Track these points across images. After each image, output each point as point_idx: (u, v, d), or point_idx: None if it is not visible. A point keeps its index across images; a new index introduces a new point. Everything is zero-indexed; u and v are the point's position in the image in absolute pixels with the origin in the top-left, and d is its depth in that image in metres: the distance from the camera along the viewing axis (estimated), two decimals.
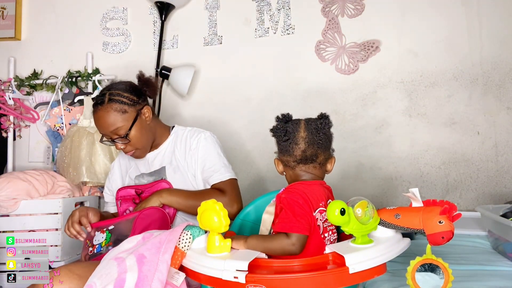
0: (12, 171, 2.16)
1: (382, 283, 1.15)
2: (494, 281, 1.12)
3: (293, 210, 0.97)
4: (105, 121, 1.37)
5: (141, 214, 1.32)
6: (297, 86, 2.06)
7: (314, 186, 1.05)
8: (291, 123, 1.10)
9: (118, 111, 1.37)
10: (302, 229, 0.95)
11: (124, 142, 1.39)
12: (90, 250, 1.28)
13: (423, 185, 1.92)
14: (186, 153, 1.46)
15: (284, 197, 1.01)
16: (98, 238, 1.29)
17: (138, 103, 1.41)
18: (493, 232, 1.43)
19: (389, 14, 2.01)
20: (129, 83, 1.46)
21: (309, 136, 1.07)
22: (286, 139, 1.08)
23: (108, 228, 1.31)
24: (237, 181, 1.45)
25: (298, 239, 0.95)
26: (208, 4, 2.17)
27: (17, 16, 2.26)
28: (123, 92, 1.39)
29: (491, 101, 1.90)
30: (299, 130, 1.08)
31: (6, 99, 2.08)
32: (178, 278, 0.98)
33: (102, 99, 1.38)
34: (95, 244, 1.29)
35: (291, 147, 1.08)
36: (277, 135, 1.12)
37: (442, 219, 0.87)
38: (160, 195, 1.37)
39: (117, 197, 1.47)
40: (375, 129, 1.99)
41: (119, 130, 1.37)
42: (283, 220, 0.97)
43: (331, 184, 1.12)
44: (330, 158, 1.12)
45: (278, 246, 0.95)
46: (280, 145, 1.11)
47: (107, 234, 1.29)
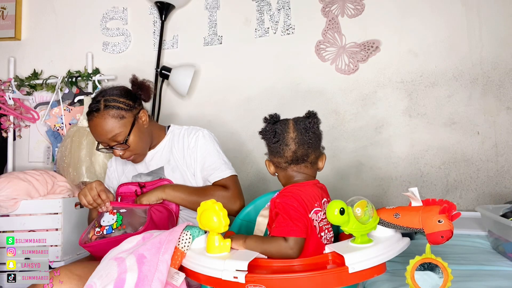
0: (12, 171, 2.16)
1: (382, 283, 1.15)
2: (494, 281, 1.12)
3: (289, 214, 0.97)
4: (103, 128, 1.33)
5: (153, 207, 1.31)
6: (297, 86, 2.06)
7: (307, 187, 1.05)
8: (280, 124, 1.09)
9: (116, 117, 1.34)
10: (299, 232, 0.95)
11: (123, 148, 1.37)
12: (98, 231, 1.25)
13: (423, 185, 1.92)
14: (184, 151, 1.45)
15: (279, 202, 1.01)
16: (107, 219, 1.27)
17: (134, 108, 1.39)
18: (493, 232, 1.43)
19: (389, 14, 2.01)
20: (123, 87, 1.43)
21: (299, 136, 1.07)
22: (275, 140, 1.08)
23: (120, 211, 1.28)
24: (238, 177, 1.45)
25: (296, 242, 0.94)
26: (208, 4, 2.17)
27: (17, 16, 2.26)
28: (118, 98, 1.36)
29: (491, 101, 1.90)
30: (288, 130, 1.07)
31: (6, 99, 2.08)
32: (178, 278, 0.98)
33: (98, 106, 1.34)
34: (104, 225, 1.25)
35: (281, 149, 1.07)
36: (266, 137, 1.11)
37: (441, 219, 0.87)
38: (163, 190, 1.37)
39: (117, 193, 1.46)
40: (375, 129, 1.99)
41: (117, 137, 1.35)
42: (280, 225, 0.97)
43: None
44: (321, 156, 1.12)
45: (276, 249, 0.95)
46: (270, 147, 1.10)
47: (118, 216, 1.27)
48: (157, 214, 1.32)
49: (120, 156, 1.39)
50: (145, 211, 1.30)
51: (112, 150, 1.38)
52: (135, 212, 1.30)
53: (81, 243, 1.27)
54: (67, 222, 1.74)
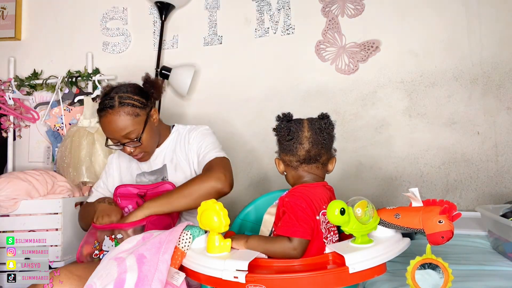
0: (12, 171, 2.16)
1: (382, 283, 1.15)
2: (494, 281, 1.12)
3: (296, 214, 0.97)
4: (117, 125, 1.33)
5: (149, 223, 1.26)
6: (297, 86, 2.06)
7: (317, 189, 1.05)
8: (294, 123, 1.09)
9: (131, 115, 1.34)
10: (305, 233, 0.95)
11: (136, 145, 1.37)
12: (95, 254, 1.25)
13: (423, 185, 1.92)
14: (186, 148, 1.46)
15: (288, 201, 1.01)
16: (107, 244, 1.26)
17: (147, 106, 1.40)
18: (493, 232, 1.43)
19: (389, 14, 2.01)
20: (136, 85, 1.43)
21: (313, 136, 1.07)
22: (289, 138, 1.07)
23: (117, 237, 1.27)
24: (229, 160, 1.39)
25: (300, 243, 0.94)
26: (208, 4, 2.17)
27: (17, 16, 2.26)
28: (133, 95, 1.37)
29: (491, 101, 1.90)
30: (302, 129, 1.07)
31: (6, 99, 2.08)
32: (178, 278, 0.98)
33: (112, 102, 1.34)
34: (104, 249, 1.25)
35: (295, 147, 1.07)
36: (280, 134, 1.10)
37: (441, 219, 0.87)
38: (147, 207, 1.28)
39: (115, 193, 1.44)
40: (375, 129, 1.99)
41: (131, 134, 1.35)
42: (286, 224, 0.97)
43: (331, 184, 1.12)
44: (332, 158, 1.12)
45: (279, 249, 0.95)
46: (283, 144, 1.09)
47: (115, 243, 1.25)
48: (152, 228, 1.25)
49: (130, 153, 1.39)
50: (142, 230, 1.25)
51: (122, 147, 1.39)
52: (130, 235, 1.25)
53: (79, 260, 1.26)
54: (67, 222, 1.73)
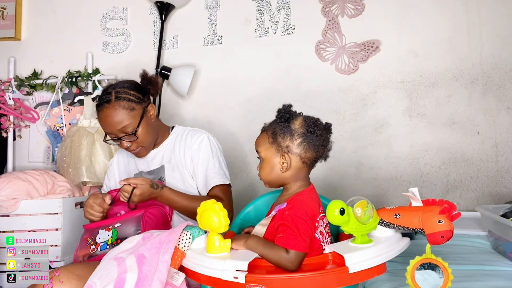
0: (12, 171, 2.16)
1: (382, 283, 1.15)
2: (494, 281, 1.12)
3: (297, 227, 0.95)
4: (113, 119, 1.36)
5: (147, 212, 1.31)
6: (297, 86, 2.06)
7: (311, 193, 1.07)
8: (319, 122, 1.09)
9: (126, 109, 1.37)
10: (304, 247, 0.94)
11: (132, 139, 1.39)
12: (93, 249, 1.25)
13: (423, 185, 1.92)
14: (185, 151, 1.46)
15: (288, 214, 0.99)
16: (103, 235, 1.27)
17: (143, 101, 1.43)
18: (493, 232, 1.43)
19: (389, 14, 2.01)
20: (133, 81, 1.47)
21: (326, 141, 1.09)
22: (319, 134, 1.06)
23: (114, 226, 1.28)
24: (231, 187, 1.46)
25: (297, 257, 0.92)
26: (208, 4, 2.17)
27: (17, 16, 2.26)
28: (129, 90, 1.40)
29: (491, 101, 1.90)
30: (327, 131, 1.10)
31: (6, 99, 2.08)
32: (178, 278, 0.98)
33: (108, 97, 1.37)
34: (99, 242, 1.26)
35: (322, 145, 1.07)
36: (313, 130, 1.06)
37: (441, 219, 0.87)
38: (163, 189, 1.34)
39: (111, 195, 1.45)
40: (375, 129, 1.99)
41: (127, 128, 1.37)
42: (287, 236, 0.95)
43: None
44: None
45: (275, 258, 0.93)
46: (311, 139, 1.05)
47: (113, 231, 1.27)
48: (152, 218, 1.31)
49: (127, 148, 1.41)
50: (139, 219, 1.29)
51: (119, 142, 1.40)
52: (129, 223, 1.29)
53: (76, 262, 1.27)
54: (67, 222, 1.74)
